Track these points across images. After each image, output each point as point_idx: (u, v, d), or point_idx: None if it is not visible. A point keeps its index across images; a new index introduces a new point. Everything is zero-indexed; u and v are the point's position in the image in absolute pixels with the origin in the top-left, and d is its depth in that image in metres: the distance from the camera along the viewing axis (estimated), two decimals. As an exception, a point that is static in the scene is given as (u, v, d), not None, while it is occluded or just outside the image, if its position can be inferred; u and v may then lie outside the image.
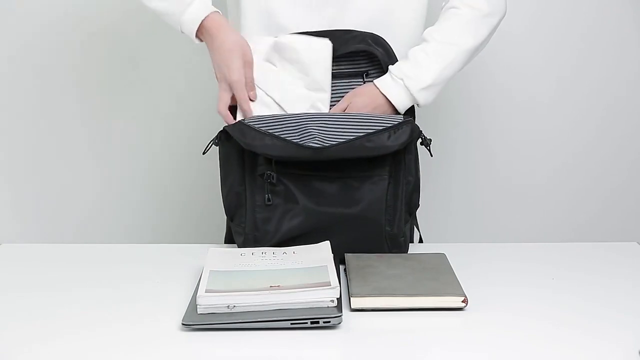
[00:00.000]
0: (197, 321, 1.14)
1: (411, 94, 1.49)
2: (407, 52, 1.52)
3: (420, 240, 1.59)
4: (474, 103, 2.27)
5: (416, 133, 1.42)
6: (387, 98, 1.48)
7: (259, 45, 1.50)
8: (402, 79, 1.48)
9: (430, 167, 1.64)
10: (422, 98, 1.50)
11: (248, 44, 1.50)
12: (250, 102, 1.49)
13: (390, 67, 1.50)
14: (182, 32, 1.51)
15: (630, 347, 1.09)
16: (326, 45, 1.48)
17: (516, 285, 1.34)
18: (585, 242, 1.68)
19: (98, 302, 1.27)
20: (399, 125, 1.40)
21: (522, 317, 1.20)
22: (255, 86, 1.49)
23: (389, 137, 1.38)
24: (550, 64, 2.24)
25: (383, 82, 1.49)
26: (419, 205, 1.49)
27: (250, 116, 1.46)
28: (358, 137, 1.37)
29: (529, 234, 2.29)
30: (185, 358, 1.11)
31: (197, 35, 1.51)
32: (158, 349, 1.11)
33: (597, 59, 2.24)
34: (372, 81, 1.50)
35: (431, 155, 1.47)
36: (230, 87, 1.48)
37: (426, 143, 1.45)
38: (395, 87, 1.49)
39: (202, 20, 1.49)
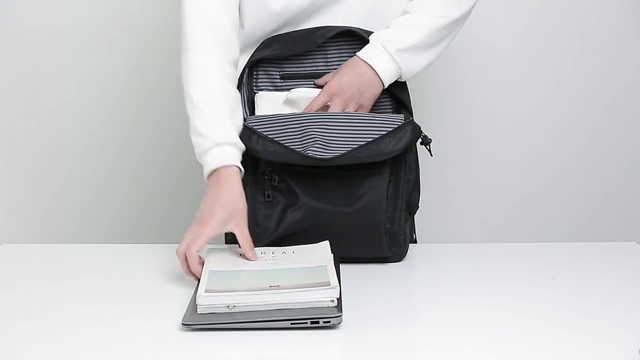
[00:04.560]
0: (197, 321, 1.14)
1: (390, 55, 1.46)
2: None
3: (415, 241, 1.58)
4: (473, 103, 2.27)
5: (417, 133, 1.42)
6: (367, 64, 1.47)
7: (270, 101, 1.50)
8: (380, 42, 1.47)
9: (429, 166, 1.64)
10: (403, 61, 1.47)
11: (244, 210, 1.36)
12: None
13: (370, 36, 1.49)
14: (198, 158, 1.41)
15: (630, 347, 1.09)
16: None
17: (516, 284, 1.34)
18: (585, 242, 1.68)
19: (98, 302, 1.27)
20: (400, 127, 1.40)
21: (522, 316, 1.20)
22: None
23: (390, 142, 1.39)
24: (549, 63, 2.24)
25: (363, 50, 1.49)
26: (418, 206, 1.49)
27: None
28: (359, 147, 1.38)
29: (529, 234, 2.29)
30: (185, 358, 1.11)
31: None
32: (158, 348, 1.11)
33: (596, 57, 2.24)
34: None
35: (431, 155, 1.47)
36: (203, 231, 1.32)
37: (426, 142, 1.45)
38: (374, 51, 1.47)
39: (219, 167, 1.37)
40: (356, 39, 1.50)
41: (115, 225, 2.33)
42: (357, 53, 1.49)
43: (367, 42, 1.49)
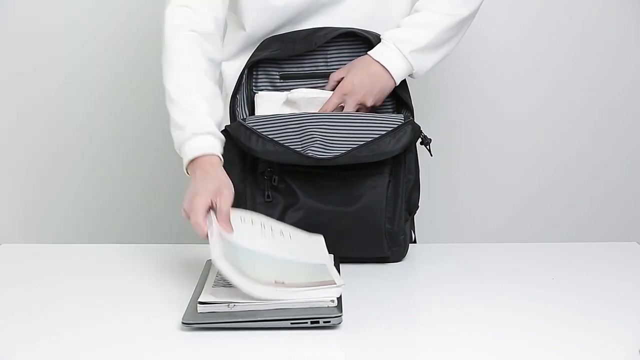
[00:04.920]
0: (197, 320, 1.14)
1: (404, 56, 1.47)
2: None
3: (415, 241, 1.58)
4: (472, 103, 2.27)
5: (417, 133, 1.42)
6: (380, 64, 1.47)
7: (270, 101, 1.50)
8: (393, 42, 1.48)
9: (429, 167, 1.64)
10: (415, 61, 1.48)
11: (232, 186, 1.34)
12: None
13: (382, 35, 1.50)
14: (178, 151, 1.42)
15: (630, 347, 1.09)
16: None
17: (516, 284, 1.34)
18: (585, 242, 1.68)
19: (98, 302, 1.27)
20: (400, 127, 1.40)
21: (522, 316, 1.20)
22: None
23: (389, 142, 1.39)
24: (549, 63, 2.24)
25: (375, 49, 1.49)
26: (418, 206, 1.49)
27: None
28: (359, 146, 1.38)
29: (529, 234, 2.29)
30: (185, 357, 1.11)
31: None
32: (158, 348, 1.11)
33: (596, 57, 2.24)
34: None
35: (431, 155, 1.47)
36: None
37: (426, 142, 1.45)
38: (387, 51, 1.48)
39: (199, 156, 1.37)
40: (357, 39, 1.50)
41: (115, 225, 2.33)
42: (368, 52, 1.49)
43: (369, 42, 1.49)
